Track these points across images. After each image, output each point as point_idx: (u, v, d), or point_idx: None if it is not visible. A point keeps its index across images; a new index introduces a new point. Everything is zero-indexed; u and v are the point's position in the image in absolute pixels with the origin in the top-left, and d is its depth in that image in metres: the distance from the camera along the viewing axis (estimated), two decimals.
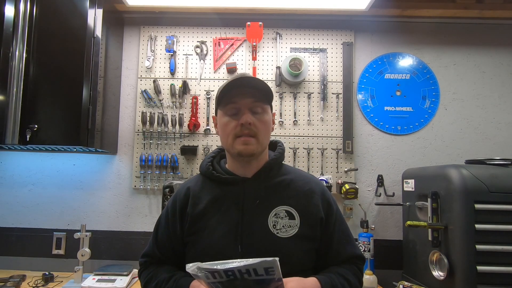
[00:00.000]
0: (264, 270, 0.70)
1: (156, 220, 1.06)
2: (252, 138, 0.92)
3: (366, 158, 2.01)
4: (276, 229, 0.91)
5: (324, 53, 2.03)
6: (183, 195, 1.00)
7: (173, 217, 0.99)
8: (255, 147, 0.93)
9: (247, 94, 0.94)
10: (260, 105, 0.95)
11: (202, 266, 0.71)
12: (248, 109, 0.93)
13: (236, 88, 0.94)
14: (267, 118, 0.97)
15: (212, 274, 0.71)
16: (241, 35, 2.04)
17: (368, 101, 2.04)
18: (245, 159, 0.95)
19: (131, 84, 2.05)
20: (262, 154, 0.99)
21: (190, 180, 1.06)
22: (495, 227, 1.34)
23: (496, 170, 1.43)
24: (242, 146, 0.92)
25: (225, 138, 0.96)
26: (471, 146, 2.01)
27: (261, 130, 0.93)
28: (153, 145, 1.98)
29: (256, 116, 0.94)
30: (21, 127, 1.62)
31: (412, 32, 2.07)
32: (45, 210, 1.97)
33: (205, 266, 0.71)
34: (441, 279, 1.40)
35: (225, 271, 0.70)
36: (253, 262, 0.69)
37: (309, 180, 1.02)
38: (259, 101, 0.95)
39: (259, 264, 0.69)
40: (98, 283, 1.63)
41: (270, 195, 0.96)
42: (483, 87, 2.05)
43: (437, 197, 1.48)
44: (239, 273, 0.70)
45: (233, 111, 0.94)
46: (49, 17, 1.68)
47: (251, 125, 0.91)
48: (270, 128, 0.99)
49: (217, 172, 0.99)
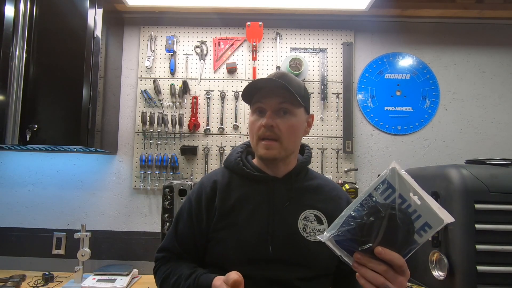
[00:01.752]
0: (423, 223, 0.60)
1: (176, 214, 1.00)
2: (275, 142, 0.89)
3: (366, 158, 2.01)
4: (306, 233, 0.89)
5: (324, 53, 2.03)
6: (210, 189, 0.95)
7: (198, 209, 0.93)
8: (277, 152, 0.89)
9: (275, 94, 0.89)
10: (287, 106, 0.90)
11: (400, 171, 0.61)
12: (273, 111, 0.89)
13: (263, 88, 0.91)
14: (294, 121, 0.91)
15: (388, 188, 0.61)
16: (241, 35, 2.04)
17: (368, 101, 2.04)
18: (268, 162, 0.94)
19: (131, 84, 2.05)
20: (291, 158, 0.95)
21: (214, 173, 1.01)
22: (495, 227, 1.34)
23: (496, 170, 1.43)
24: (263, 150, 0.89)
25: (251, 138, 0.95)
26: (471, 146, 2.01)
27: (285, 133, 0.89)
28: (153, 145, 1.98)
29: (282, 118, 0.89)
30: (21, 127, 1.62)
31: (412, 32, 2.07)
32: (45, 210, 1.97)
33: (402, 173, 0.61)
34: (441, 279, 1.40)
35: (400, 197, 0.60)
36: (431, 207, 0.59)
37: (334, 186, 1.01)
38: (287, 102, 0.89)
39: (429, 211, 0.59)
40: (98, 283, 1.63)
41: (300, 197, 0.94)
42: (483, 87, 2.05)
43: (437, 197, 1.48)
44: (407, 206, 0.60)
45: (260, 110, 0.91)
46: (49, 17, 1.68)
47: (273, 127, 0.88)
48: (299, 131, 0.94)
49: (247, 168, 0.95)
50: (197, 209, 0.94)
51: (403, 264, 0.60)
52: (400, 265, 0.60)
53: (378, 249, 0.60)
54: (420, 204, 0.60)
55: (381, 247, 0.60)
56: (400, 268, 0.60)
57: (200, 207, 0.94)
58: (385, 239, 0.60)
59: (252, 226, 0.89)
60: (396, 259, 0.60)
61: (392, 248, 0.60)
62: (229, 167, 0.99)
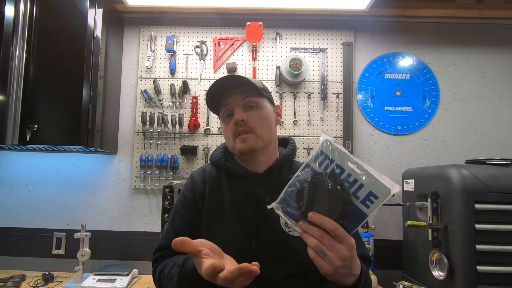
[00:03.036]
0: (367, 193, 0.59)
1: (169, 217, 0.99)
2: (250, 133, 0.90)
3: (366, 158, 2.01)
4: (288, 227, 0.89)
5: (324, 53, 2.03)
6: (201, 182, 0.97)
7: (194, 201, 0.95)
8: (254, 142, 0.91)
9: (236, 93, 0.92)
10: (252, 100, 0.93)
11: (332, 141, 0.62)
12: (241, 107, 0.91)
13: (225, 91, 0.93)
14: (263, 112, 0.94)
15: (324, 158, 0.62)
16: (241, 35, 2.04)
17: (368, 101, 2.04)
18: (248, 156, 0.94)
19: (131, 84, 2.05)
20: (270, 150, 0.96)
21: (202, 168, 1.03)
22: (495, 227, 1.34)
23: (496, 170, 1.43)
24: (240, 144, 0.91)
25: (228, 142, 0.96)
26: (471, 146, 2.01)
27: (257, 124, 0.91)
28: (153, 145, 1.98)
29: (250, 112, 0.92)
30: (21, 127, 1.62)
31: (412, 32, 2.07)
32: (45, 210, 1.97)
33: (334, 143, 0.62)
34: (441, 279, 1.40)
35: (338, 167, 0.61)
36: (374, 176, 0.59)
37: None
38: (250, 96, 0.92)
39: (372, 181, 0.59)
40: (98, 283, 1.63)
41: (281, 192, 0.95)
42: (483, 87, 2.05)
43: (437, 197, 1.48)
44: (346, 177, 0.60)
45: (228, 114, 0.94)
46: (49, 17, 1.68)
47: (244, 121, 0.89)
48: (270, 121, 0.96)
49: (229, 163, 0.97)
50: (193, 200, 0.96)
51: (334, 228, 0.59)
52: (331, 229, 0.59)
53: (310, 214, 0.61)
54: (360, 173, 0.60)
55: (313, 212, 0.61)
56: (333, 233, 0.59)
57: (195, 198, 0.96)
58: (318, 205, 0.61)
59: (238, 222, 0.90)
60: (326, 223, 0.59)
61: (330, 215, 0.60)
62: (214, 162, 1.01)
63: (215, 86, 0.92)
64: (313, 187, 0.62)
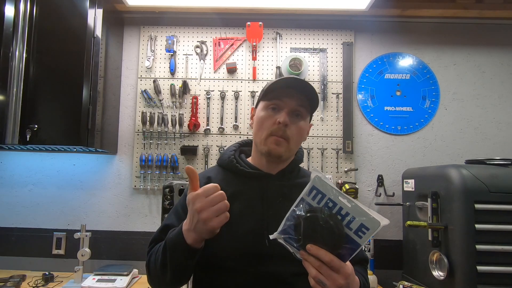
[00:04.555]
0: (359, 225, 0.64)
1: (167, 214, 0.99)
2: (285, 140, 0.91)
3: (366, 158, 2.01)
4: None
5: (324, 53, 2.03)
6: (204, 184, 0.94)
7: None
8: (285, 150, 0.91)
9: (294, 97, 0.92)
10: (302, 110, 0.93)
11: (323, 177, 0.67)
12: (289, 111, 0.91)
13: (287, 88, 0.93)
14: (304, 126, 0.95)
15: (318, 193, 0.67)
16: (241, 35, 2.04)
17: (368, 101, 2.04)
18: (271, 159, 0.94)
19: (131, 84, 2.05)
20: (289, 159, 0.98)
21: (208, 170, 1.03)
22: (495, 227, 1.34)
23: (496, 170, 1.43)
24: (273, 145, 0.91)
25: (259, 132, 0.95)
26: (471, 146, 2.01)
27: (294, 135, 0.92)
28: (153, 145, 1.98)
29: (294, 120, 0.92)
30: (21, 127, 1.62)
31: (412, 32, 2.07)
32: (45, 210, 1.97)
33: (325, 179, 0.67)
34: (441, 279, 1.40)
35: (330, 201, 0.66)
36: (363, 209, 0.64)
37: None
38: (303, 106, 0.93)
39: (362, 214, 0.64)
40: (98, 283, 1.63)
41: (293, 194, 0.93)
42: (483, 87, 2.05)
43: (437, 197, 1.48)
44: (338, 211, 0.65)
45: (275, 107, 0.93)
46: (49, 17, 1.68)
47: (287, 126, 0.90)
48: (304, 137, 0.97)
49: (241, 165, 0.97)
50: None
51: (330, 260, 0.64)
52: (327, 261, 0.64)
53: (308, 246, 0.66)
54: (351, 207, 0.65)
55: (310, 244, 0.66)
56: (329, 264, 0.64)
57: None
58: (315, 238, 0.66)
59: (247, 221, 0.90)
60: (323, 255, 0.64)
61: (326, 247, 0.65)
62: (223, 165, 1.01)
63: (285, 80, 0.92)
64: (309, 221, 0.67)
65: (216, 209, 0.71)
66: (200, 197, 0.71)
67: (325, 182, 0.67)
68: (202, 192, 0.72)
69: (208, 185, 0.73)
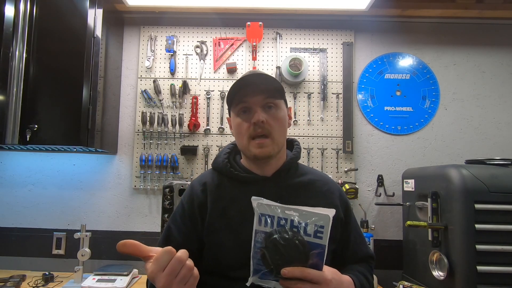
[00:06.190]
0: (314, 227, 0.66)
1: (166, 225, 0.98)
2: (267, 139, 0.89)
3: (366, 158, 2.01)
4: None
5: (324, 53, 2.03)
6: (200, 191, 0.94)
7: (191, 212, 0.92)
8: (271, 149, 0.89)
9: (257, 91, 0.90)
10: (272, 101, 0.91)
11: (263, 202, 0.70)
12: (260, 107, 0.89)
13: (245, 87, 0.91)
14: (281, 114, 0.92)
15: (266, 218, 0.69)
16: (241, 35, 2.04)
17: (368, 101, 2.04)
18: (261, 161, 0.92)
19: (131, 84, 2.05)
20: (280, 153, 0.95)
21: (204, 175, 1.00)
22: (495, 227, 1.34)
23: (496, 170, 1.43)
24: (257, 149, 0.89)
25: (240, 140, 0.94)
26: (471, 146, 2.01)
27: (275, 128, 0.90)
28: (153, 145, 1.98)
29: (269, 113, 0.90)
30: (21, 127, 1.62)
31: (412, 32, 2.07)
32: (45, 210, 1.97)
33: (266, 202, 0.70)
34: (441, 279, 1.40)
35: (281, 218, 0.68)
36: (309, 211, 0.67)
37: (327, 181, 1.00)
38: (271, 97, 0.91)
39: (311, 215, 0.67)
40: (98, 283, 1.63)
41: (291, 195, 0.93)
42: (483, 87, 2.05)
43: (437, 197, 1.48)
44: (291, 224, 0.67)
45: (245, 110, 0.92)
46: (49, 17, 1.68)
47: (264, 123, 0.88)
48: (286, 124, 0.95)
49: (235, 170, 0.95)
50: (191, 211, 0.93)
51: (305, 275, 0.66)
52: (303, 276, 0.66)
53: (283, 271, 0.66)
54: (300, 215, 0.67)
55: (284, 268, 0.67)
56: (307, 278, 0.66)
57: (193, 210, 0.92)
58: (283, 261, 0.67)
59: (247, 228, 0.86)
60: (297, 273, 0.66)
61: (298, 264, 0.67)
62: (217, 169, 0.99)
63: (240, 82, 0.91)
64: (271, 248, 0.68)
65: (180, 279, 0.63)
66: (157, 274, 0.62)
67: (267, 205, 0.69)
68: (157, 266, 0.62)
69: (159, 255, 0.63)
